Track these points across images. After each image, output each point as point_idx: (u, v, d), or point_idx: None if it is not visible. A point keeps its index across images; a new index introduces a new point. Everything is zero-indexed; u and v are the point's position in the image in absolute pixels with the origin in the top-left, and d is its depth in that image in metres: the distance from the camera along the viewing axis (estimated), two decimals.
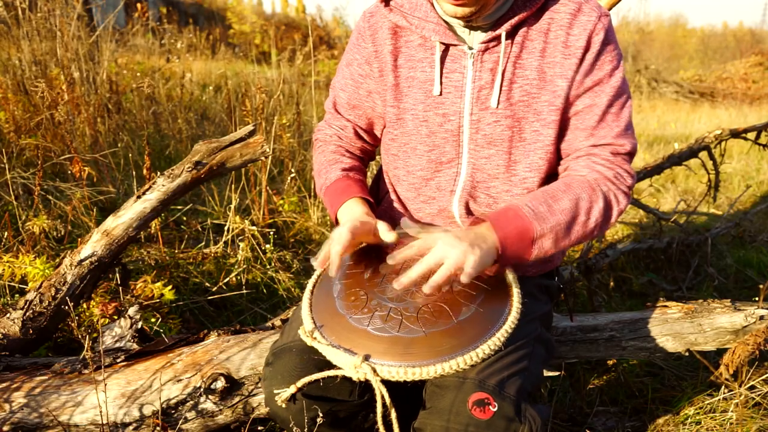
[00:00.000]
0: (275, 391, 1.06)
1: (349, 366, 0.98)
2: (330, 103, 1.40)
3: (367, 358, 0.98)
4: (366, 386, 1.08)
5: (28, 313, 1.51)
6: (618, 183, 1.18)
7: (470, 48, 1.19)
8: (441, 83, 1.20)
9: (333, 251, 1.07)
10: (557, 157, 1.25)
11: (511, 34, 1.17)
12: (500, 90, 1.17)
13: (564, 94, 1.18)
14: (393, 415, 1.00)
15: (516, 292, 1.09)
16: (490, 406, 0.98)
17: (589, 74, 1.17)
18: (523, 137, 1.21)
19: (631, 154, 1.21)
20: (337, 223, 1.28)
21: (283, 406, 1.06)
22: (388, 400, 0.98)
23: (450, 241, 1.03)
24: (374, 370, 0.97)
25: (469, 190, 1.25)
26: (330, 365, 1.02)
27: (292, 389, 1.04)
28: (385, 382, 0.98)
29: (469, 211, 1.27)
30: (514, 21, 1.14)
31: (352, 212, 1.23)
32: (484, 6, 1.12)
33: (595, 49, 1.16)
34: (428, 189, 1.28)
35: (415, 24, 1.21)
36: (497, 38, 1.16)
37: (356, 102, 1.34)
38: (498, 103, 1.18)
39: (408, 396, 1.13)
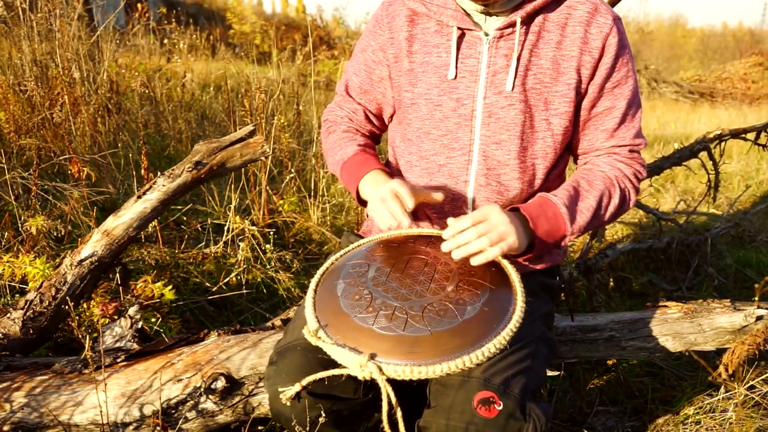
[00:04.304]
0: (280, 390, 1.06)
1: (354, 365, 0.98)
2: (342, 86, 1.43)
3: (372, 356, 0.98)
4: (370, 385, 1.08)
5: (28, 313, 1.51)
6: (634, 181, 1.29)
7: (486, 34, 1.22)
8: (456, 67, 1.23)
9: (395, 205, 1.13)
10: (563, 146, 1.29)
11: (528, 23, 1.21)
12: (515, 74, 1.20)
13: (581, 90, 1.23)
14: (398, 414, 1.00)
15: (520, 291, 1.10)
16: (495, 405, 0.99)
17: (609, 77, 1.23)
18: (533, 125, 1.24)
19: (642, 147, 1.32)
20: (358, 195, 1.31)
21: (288, 404, 1.06)
22: (393, 399, 0.98)
23: (503, 217, 1.11)
24: (380, 369, 0.97)
25: (482, 178, 1.26)
26: (334, 364, 1.02)
27: (297, 387, 1.04)
28: (390, 381, 0.98)
29: (480, 201, 1.28)
30: (530, 9, 1.18)
31: (379, 180, 1.25)
32: None
33: (613, 52, 1.21)
34: (440, 175, 1.29)
35: (434, 10, 1.23)
36: (513, 24, 1.19)
37: (368, 87, 1.37)
38: (513, 87, 1.20)
39: (411, 395, 1.13)
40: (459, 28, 1.22)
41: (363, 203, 1.32)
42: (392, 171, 1.40)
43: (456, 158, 1.27)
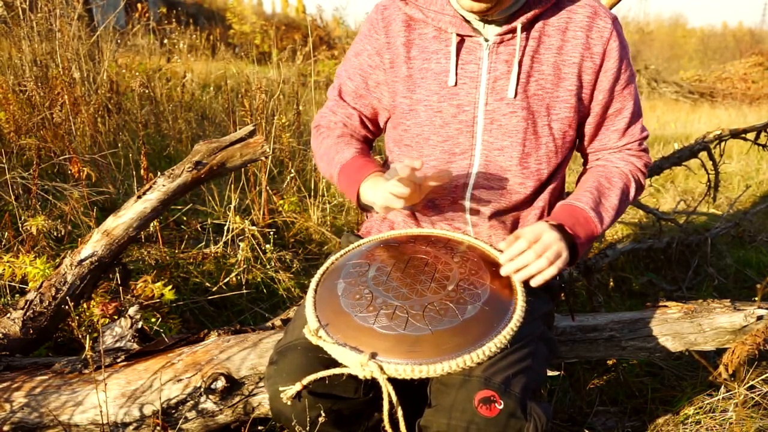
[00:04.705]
0: (281, 389, 1.06)
1: (355, 364, 0.98)
2: (335, 91, 1.40)
3: (373, 356, 0.98)
4: (371, 384, 1.08)
5: (28, 313, 1.51)
6: (644, 170, 1.35)
7: (486, 40, 1.21)
8: (456, 74, 1.22)
9: (410, 166, 1.08)
10: (565, 149, 1.29)
11: (528, 28, 1.20)
12: (517, 81, 1.20)
13: (582, 95, 1.24)
14: (399, 413, 1.00)
15: (520, 291, 1.10)
16: (496, 404, 0.99)
17: (618, 80, 1.25)
18: (536, 130, 1.23)
19: (647, 137, 1.37)
20: (358, 198, 1.27)
21: (289, 403, 1.06)
22: (394, 398, 0.98)
23: (555, 234, 1.14)
24: (381, 368, 0.97)
25: (482, 182, 1.26)
26: (335, 363, 1.02)
27: (298, 386, 1.04)
28: (391, 380, 0.98)
29: (480, 204, 1.28)
30: (529, 15, 1.18)
31: (380, 183, 1.20)
32: (500, 1, 1.14)
33: (616, 56, 1.22)
34: None
35: (431, 17, 1.23)
36: (513, 30, 1.19)
37: (363, 92, 1.35)
38: (516, 94, 1.20)
39: (412, 394, 1.14)
40: (458, 35, 1.21)
41: (362, 207, 1.31)
42: None
43: (457, 163, 1.26)
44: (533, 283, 1.11)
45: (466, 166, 1.26)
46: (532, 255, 1.10)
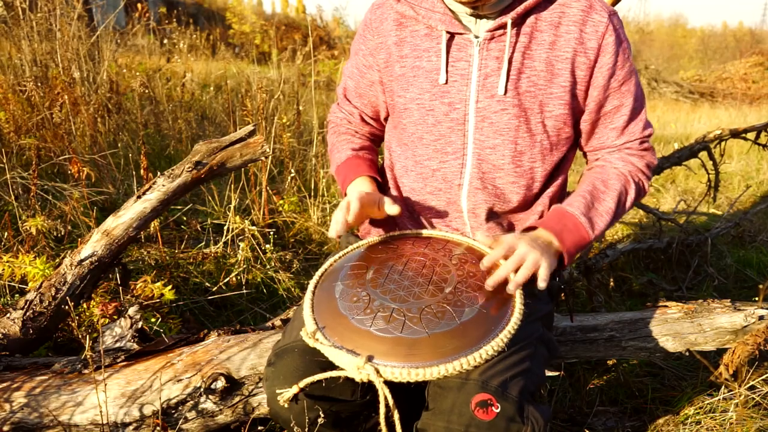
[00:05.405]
0: (278, 391, 1.06)
1: (352, 367, 0.98)
2: (341, 88, 1.46)
3: (370, 358, 0.97)
4: (368, 386, 1.08)
5: (28, 313, 1.51)
6: (647, 171, 1.31)
7: (476, 37, 1.20)
8: (447, 72, 1.21)
9: (340, 213, 1.14)
10: (562, 148, 1.28)
11: (519, 24, 1.18)
12: (507, 77, 1.18)
13: (577, 91, 1.21)
14: (396, 416, 1.00)
15: (518, 293, 1.09)
16: (493, 407, 0.98)
17: (613, 76, 1.21)
18: (529, 128, 1.22)
19: (651, 136, 1.32)
20: None
21: (286, 406, 1.06)
22: (391, 401, 0.98)
23: (530, 243, 1.12)
24: (377, 371, 0.97)
25: (477, 182, 1.25)
26: (332, 365, 1.02)
27: (295, 389, 1.03)
28: (388, 383, 0.98)
29: (477, 205, 1.28)
30: (520, 10, 1.16)
31: (360, 188, 1.31)
32: None
33: (612, 51, 1.19)
34: (435, 180, 1.29)
35: (422, 14, 1.22)
36: (504, 26, 1.17)
37: (361, 91, 1.38)
38: (505, 91, 1.19)
39: (409, 396, 1.13)
40: (448, 32, 1.20)
41: None
42: (388, 176, 1.40)
43: (450, 162, 1.26)
44: (511, 287, 1.10)
45: (459, 166, 1.25)
46: (510, 265, 1.09)
